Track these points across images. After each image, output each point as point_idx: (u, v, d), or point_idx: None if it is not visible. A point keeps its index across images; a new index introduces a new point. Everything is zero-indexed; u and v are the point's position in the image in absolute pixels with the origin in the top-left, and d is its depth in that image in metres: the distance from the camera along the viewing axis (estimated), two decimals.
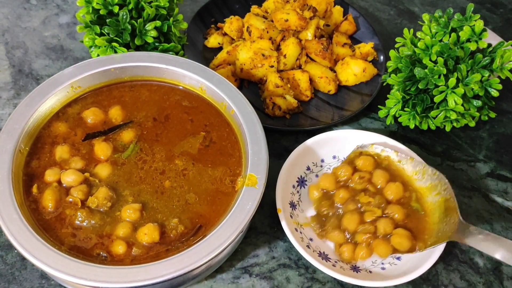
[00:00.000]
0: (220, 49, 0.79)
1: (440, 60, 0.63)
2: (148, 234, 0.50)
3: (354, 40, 0.83)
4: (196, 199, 0.54)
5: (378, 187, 0.61)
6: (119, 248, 0.49)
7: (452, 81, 0.63)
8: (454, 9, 0.68)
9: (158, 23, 0.66)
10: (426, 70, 0.64)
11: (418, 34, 0.67)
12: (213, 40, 0.80)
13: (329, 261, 0.56)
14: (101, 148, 0.56)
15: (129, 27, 0.65)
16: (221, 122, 0.60)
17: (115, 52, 0.65)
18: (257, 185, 0.53)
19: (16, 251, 0.57)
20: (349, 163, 0.63)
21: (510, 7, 0.96)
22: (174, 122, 0.60)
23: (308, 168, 0.65)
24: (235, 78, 0.74)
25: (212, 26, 0.83)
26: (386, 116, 0.71)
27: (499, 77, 0.65)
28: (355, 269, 0.56)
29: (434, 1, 0.96)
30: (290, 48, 0.74)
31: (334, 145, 0.66)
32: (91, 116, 0.59)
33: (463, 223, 0.54)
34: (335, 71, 0.77)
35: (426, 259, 0.56)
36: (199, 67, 0.62)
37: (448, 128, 0.69)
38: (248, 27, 0.77)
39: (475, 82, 0.64)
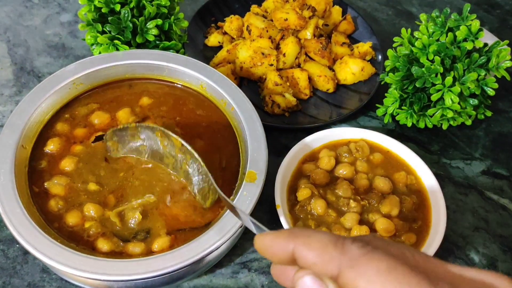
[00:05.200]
0: (220, 47, 0.80)
1: (437, 59, 0.64)
2: (159, 246, 0.51)
3: (352, 39, 0.84)
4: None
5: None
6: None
7: (449, 79, 0.63)
8: (451, 9, 0.69)
9: (159, 21, 0.67)
10: (423, 69, 0.65)
11: (416, 33, 0.68)
12: (213, 39, 0.81)
13: None
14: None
15: (131, 25, 0.66)
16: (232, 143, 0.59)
17: (117, 49, 0.66)
18: (256, 181, 0.53)
19: (18, 245, 0.58)
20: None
21: (507, 8, 0.97)
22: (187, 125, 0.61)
23: None
24: (235, 76, 0.75)
25: (212, 25, 0.84)
26: (384, 115, 0.72)
27: (495, 76, 0.66)
28: None
29: (431, 2, 0.97)
30: (289, 47, 0.75)
31: None
32: (97, 118, 0.59)
33: None
34: (333, 70, 0.78)
35: None
36: (199, 65, 0.63)
37: (445, 127, 0.69)
38: (248, 26, 0.78)
39: (471, 81, 0.64)
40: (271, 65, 0.74)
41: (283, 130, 0.72)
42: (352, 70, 0.76)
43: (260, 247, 0.31)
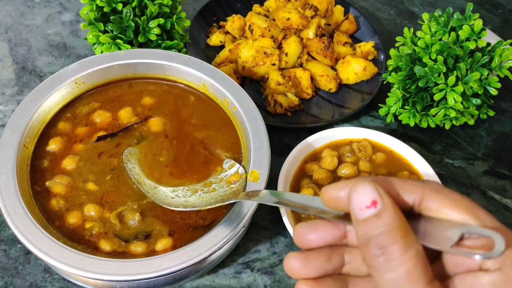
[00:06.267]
0: (222, 47, 0.80)
1: (440, 58, 0.64)
2: (162, 246, 0.50)
3: (354, 39, 0.84)
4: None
5: None
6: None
7: (452, 79, 0.63)
8: (453, 9, 0.69)
9: (161, 20, 0.67)
10: (426, 69, 0.65)
11: (418, 33, 0.68)
12: (215, 39, 0.81)
13: None
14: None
15: (133, 24, 0.66)
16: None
17: (119, 49, 0.66)
18: (259, 181, 0.53)
19: (19, 245, 0.58)
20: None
21: (509, 8, 0.97)
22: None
23: None
24: (237, 76, 0.75)
25: (214, 24, 0.83)
26: (387, 114, 0.72)
27: (498, 76, 0.66)
28: None
29: (433, 2, 0.97)
30: (291, 46, 0.75)
31: None
32: (99, 117, 0.59)
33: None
34: (336, 70, 0.77)
35: None
36: (202, 64, 0.63)
37: (447, 126, 0.69)
38: (250, 25, 0.78)
39: (474, 80, 0.64)
40: (273, 64, 0.74)
41: (285, 129, 0.72)
42: (354, 69, 0.76)
43: (338, 191, 0.32)
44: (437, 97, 0.65)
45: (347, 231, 0.35)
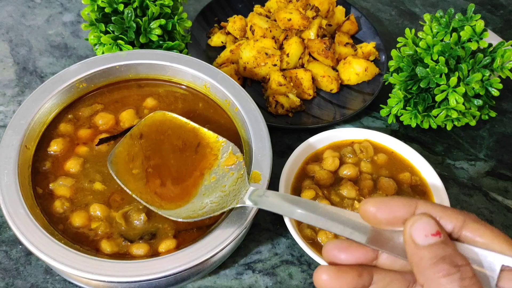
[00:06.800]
0: (223, 48, 0.80)
1: (442, 59, 0.64)
2: (165, 247, 0.50)
3: (356, 40, 0.83)
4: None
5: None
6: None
7: (453, 80, 0.63)
8: (454, 10, 0.68)
9: (162, 21, 0.67)
10: (427, 69, 0.65)
11: (420, 34, 0.68)
12: (216, 39, 0.80)
13: None
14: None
15: (134, 25, 0.66)
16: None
17: (120, 49, 0.66)
18: (261, 182, 0.53)
19: (20, 246, 0.57)
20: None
21: (510, 8, 0.97)
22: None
23: None
24: (238, 76, 0.75)
25: (216, 25, 0.83)
26: (388, 115, 0.72)
27: (499, 76, 0.66)
28: None
29: (435, 2, 0.97)
30: (293, 47, 0.75)
31: None
32: (101, 119, 0.59)
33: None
34: (337, 70, 0.77)
35: None
36: (203, 65, 0.63)
37: (449, 127, 0.69)
38: (251, 26, 0.78)
39: (476, 81, 0.64)
40: (275, 65, 0.74)
41: (286, 130, 0.72)
42: (355, 70, 0.76)
43: (379, 205, 0.34)
44: (438, 98, 0.65)
45: (379, 253, 0.36)
